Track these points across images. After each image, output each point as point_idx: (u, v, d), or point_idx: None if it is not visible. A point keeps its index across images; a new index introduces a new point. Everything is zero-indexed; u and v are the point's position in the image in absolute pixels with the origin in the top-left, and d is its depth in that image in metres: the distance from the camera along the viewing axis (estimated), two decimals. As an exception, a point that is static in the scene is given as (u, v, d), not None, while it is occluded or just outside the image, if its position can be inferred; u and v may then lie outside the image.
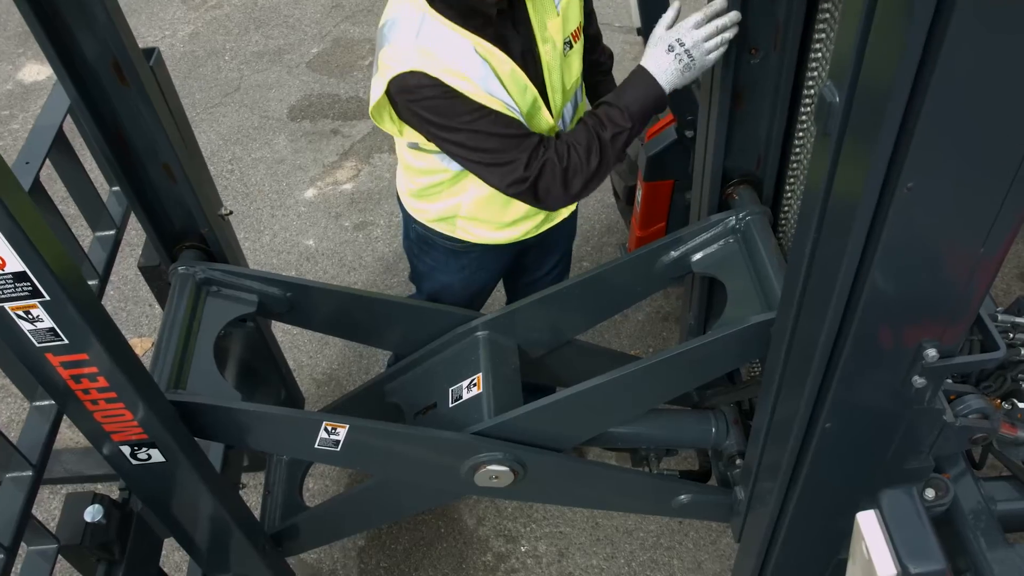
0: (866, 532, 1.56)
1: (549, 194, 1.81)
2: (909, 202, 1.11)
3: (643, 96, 1.78)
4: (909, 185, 1.09)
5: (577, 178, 1.79)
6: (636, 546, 2.79)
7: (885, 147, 1.08)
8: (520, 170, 1.76)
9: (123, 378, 1.48)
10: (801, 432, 1.56)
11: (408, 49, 1.71)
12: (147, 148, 1.88)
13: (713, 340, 1.77)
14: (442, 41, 1.72)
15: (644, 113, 1.80)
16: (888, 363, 1.39)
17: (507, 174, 1.77)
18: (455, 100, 1.70)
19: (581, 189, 1.82)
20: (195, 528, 1.92)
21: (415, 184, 2.10)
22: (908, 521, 1.53)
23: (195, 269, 2.00)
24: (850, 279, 1.28)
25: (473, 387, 2.05)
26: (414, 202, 2.16)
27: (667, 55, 1.75)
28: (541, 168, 1.77)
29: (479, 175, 1.83)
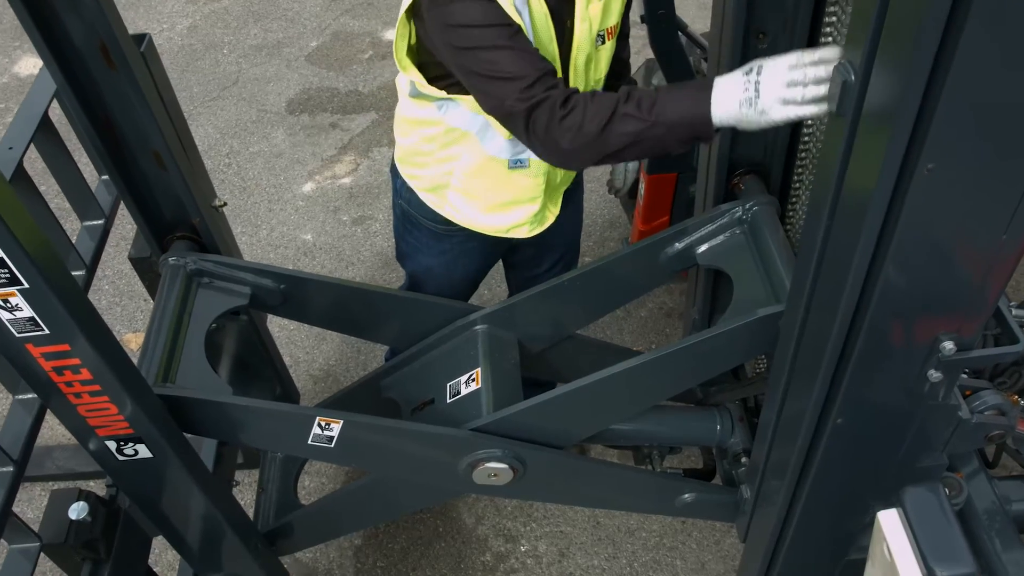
0: (888, 532, 1.48)
1: (535, 134, 1.64)
2: (929, 185, 1.05)
3: (684, 108, 1.54)
4: (929, 167, 1.03)
5: (569, 134, 1.60)
6: (638, 546, 2.74)
7: (904, 126, 1.02)
8: (523, 86, 1.59)
9: (107, 371, 1.43)
10: (811, 429, 1.51)
11: None
12: (136, 135, 1.82)
13: (719, 334, 1.71)
14: None
15: (674, 124, 1.55)
16: (903, 356, 1.33)
17: (510, 89, 1.61)
18: (487, 3, 1.58)
19: (569, 148, 1.62)
20: (185, 526, 1.87)
21: (408, 141, 2.04)
22: (934, 520, 1.46)
23: (186, 260, 1.95)
24: (864, 269, 1.22)
25: (471, 382, 2.00)
26: (407, 168, 2.10)
27: (740, 76, 1.48)
28: (543, 98, 1.60)
29: (483, 91, 1.68)
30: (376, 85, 4.66)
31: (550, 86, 1.64)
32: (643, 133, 1.56)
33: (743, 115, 1.49)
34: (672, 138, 1.57)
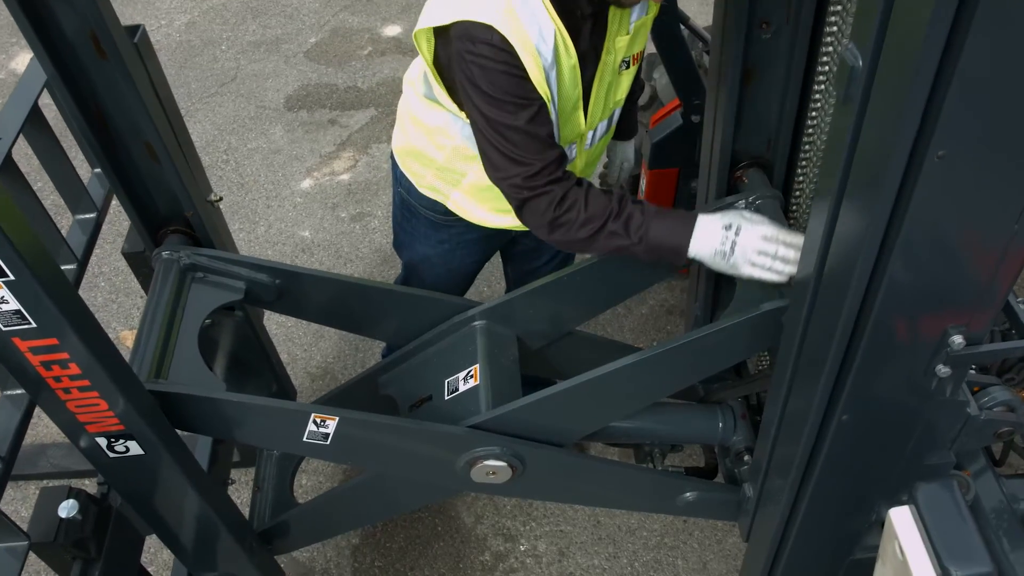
0: (900, 530, 1.43)
1: (530, 215, 1.71)
2: (939, 172, 1.02)
3: (668, 237, 1.66)
4: (940, 153, 1.00)
5: (560, 230, 1.70)
6: (639, 545, 2.71)
7: (914, 111, 0.99)
8: (528, 174, 1.65)
9: (97, 366, 1.40)
10: (815, 426, 1.47)
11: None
12: (128, 126, 1.79)
13: (721, 329, 1.68)
14: (532, 12, 1.58)
15: (652, 248, 1.67)
16: (910, 351, 1.30)
17: (514, 171, 1.66)
18: (514, 78, 1.57)
19: (558, 239, 1.73)
20: (178, 525, 1.83)
21: (415, 143, 1.99)
22: (949, 517, 1.42)
23: (180, 254, 1.92)
24: (871, 260, 1.19)
25: (470, 379, 1.97)
26: (411, 163, 2.06)
27: (720, 230, 1.63)
28: (544, 192, 1.67)
29: (487, 156, 1.71)
30: (375, 81, 4.63)
31: (552, 180, 1.66)
32: (624, 248, 1.69)
33: (714, 262, 1.65)
34: (646, 256, 1.70)
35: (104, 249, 3.71)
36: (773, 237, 1.60)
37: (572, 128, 1.81)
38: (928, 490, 1.47)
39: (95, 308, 3.49)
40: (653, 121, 2.76)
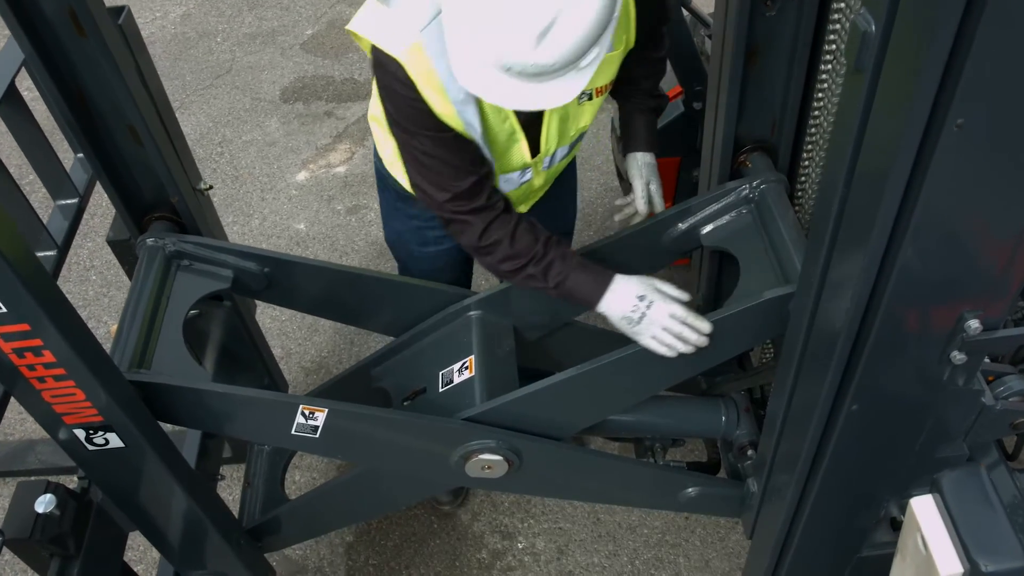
0: (923, 521, 1.33)
1: (456, 236, 1.70)
2: (958, 143, 0.96)
3: (582, 292, 1.67)
4: (959, 122, 0.94)
5: (484, 258, 1.69)
6: (640, 543, 2.65)
7: (931, 77, 0.93)
8: (442, 200, 1.62)
9: (72, 354, 1.34)
10: (823, 417, 1.41)
11: (406, 32, 1.48)
12: (111, 108, 1.73)
13: (725, 317, 1.62)
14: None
15: (566, 295, 1.68)
16: (924, 337, 1.24)
17: (430, 193, 1.63)
18: (420, 111, 1.52)
19: (482, 263, 1.72)
20: (162, 521, 1.78)
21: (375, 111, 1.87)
22: (977, 507, 1.33)
23: (164, 241, 1.86)
24: (883, 242, 1.13)
25: (465, 370, 1.91)
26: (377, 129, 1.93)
27: (633, 298, 1.64)
28: (462, 219, 1.64)
29: (407, 172, 1.68)
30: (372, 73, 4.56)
31: (471, 209, 1.62)
32: (541, 290, 1.70)
33: (621, 326, 1.67)
34: (558, 297, 1.70)
35: (96, 243, 3.66)
36: (680, 318, 1.62)
37: (514, 158, 1.72)
38: (954, 477, 1.38)
39: (86, 302, 3.44)
40: (654, 109, 2.69)
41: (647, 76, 1.90)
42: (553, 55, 1.29)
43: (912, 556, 1.36)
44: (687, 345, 1.62)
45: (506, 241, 1.64)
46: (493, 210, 1.64)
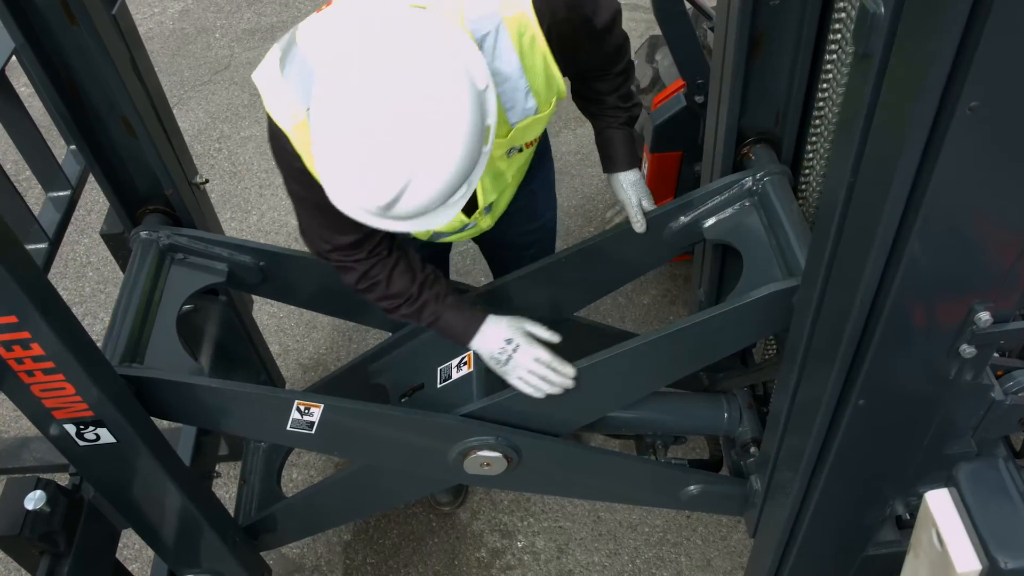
0: (939, 515, 1.28)
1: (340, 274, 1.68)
2: (970, 126, 0.93)
3: (454, 331, 1.70)
4: (972, 105, 0.91)
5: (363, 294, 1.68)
6: (640, 542, 2.62)
7: (944, 58, 0.90)
8: (324, 250, 1.62)
9: (61, 346, 1.31)
10: (829, 412, 1.38)
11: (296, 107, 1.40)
12: (103, 98, 1.71)
13: (728, 310, 1.59)
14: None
15: (440, 329, 1.71)
16: (933, 329, 1.21)
17: (314, 238, 1.62)
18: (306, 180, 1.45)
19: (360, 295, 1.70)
20: (155, 518, 1.75)
21: None
22: (996, 500, 1.28)
23: (159, 234, 1.83)
24: (892, 232, 1.10)
25: (463, 366, 1.87)
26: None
27: (501, 341, 1.67)
28: (344, 265, 1.63)
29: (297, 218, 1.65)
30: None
31: (353, 259, 1.61)
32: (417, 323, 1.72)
33: (489, 364, 1.70)
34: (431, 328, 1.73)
35: (92, 239, 3.63)
36: (545, 362, 1.66)
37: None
38: (971, 469, 1.33)
39: (83, 298, 3.41)
40: (655, 103, 2.66)
41: (613, 90, 1.78)
42: (412, 208, 1.24)
43: (927, 553, 1.31)
44: (553, 386, 1.65)
45: (383, 283, 1.64)
46: (374, 257, 1.62)
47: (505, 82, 1.46)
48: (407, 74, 1.19)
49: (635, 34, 4.42)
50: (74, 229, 3.72)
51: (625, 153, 1.85)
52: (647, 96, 2.85)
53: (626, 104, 1.81)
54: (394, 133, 1.18)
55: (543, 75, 1.50)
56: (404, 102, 1.18)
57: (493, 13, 1.40)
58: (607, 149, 1.86)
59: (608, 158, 1.87)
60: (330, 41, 1.31)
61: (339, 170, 1.24)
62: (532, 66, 1.48)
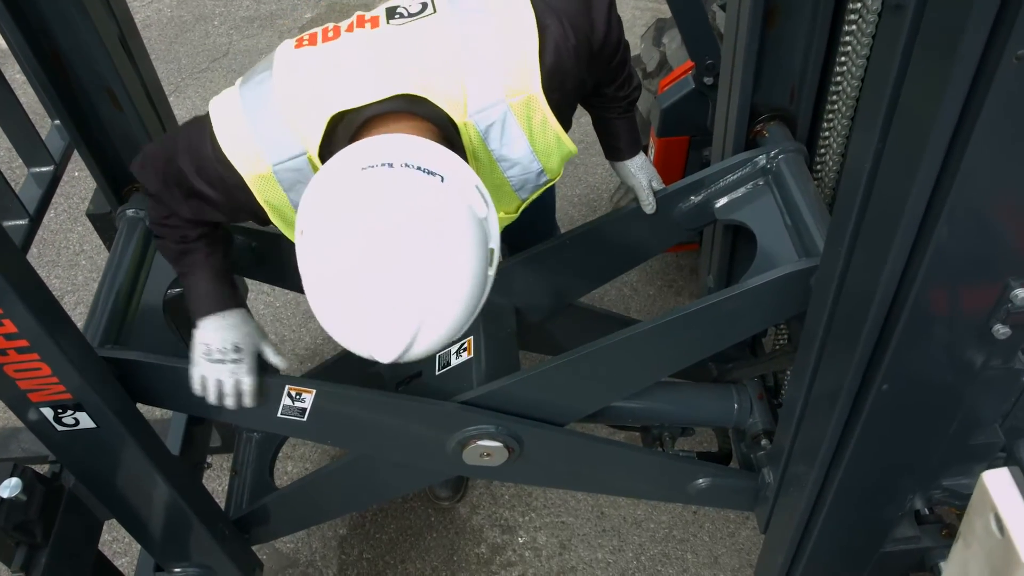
0: (999, 498, 1.13)
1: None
2: (1017, 77, 0.85)
3: (199, 293, 1.50)
4: (1020, 53, 0.83)
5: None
6: (646, 538, 2.54)
7: (988, 4, 0.82)
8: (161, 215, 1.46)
9: (34, 323, 1.23)
10: (849, 399, 1.31)
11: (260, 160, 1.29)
12: (87, 69, 1.64)
13: (741, 292, 1.51)
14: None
15: (186, 286, 1.52)
16: (965, 309, 1.13)
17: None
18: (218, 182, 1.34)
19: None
20: (139, 509, 1.67)
21: None
22: None
23: (145, 213, 1.75)
24: (923, 201, 1.02)
25: (463, 352, 1.80)
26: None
27: (218, 343, 1.49)
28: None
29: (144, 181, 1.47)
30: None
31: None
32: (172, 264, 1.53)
33: (193, 351, 1.50)
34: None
35: (86, 227, 3.55)
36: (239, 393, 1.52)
37: None
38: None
39: (75, 287, 3.33)
40: (662, 86, 2.58)
41: (611, 81, 1.62)
42: (422, 353, 1.15)
43: (981, 541, 1.17)
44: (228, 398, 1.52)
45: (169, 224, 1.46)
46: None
47: (514, 167, 1.38)
48: (405, 221, 1.08)
49: (639, 22, 4.34)
50: (68, 217, 3.66)
51: (629, 141, 1.77)
52: (654, 80, 2.77)
53: (626, 91, 1.68)
54: (397, 288, 1.08)
55: (556, 152, 1.40)
56: (404, 252, 1.08)
57: (499, 101, 1.29)
58: (610, 138, 1.78)
59: (612, 147, 1.78)
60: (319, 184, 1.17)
61: (345, 330, 1.15)
62: (544, 147, 1.38)
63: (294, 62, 1.32)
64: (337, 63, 1.29)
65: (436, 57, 1.28)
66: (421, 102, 1.25)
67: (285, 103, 1.28)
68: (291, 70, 1.31)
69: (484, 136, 1.32)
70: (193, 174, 1.35)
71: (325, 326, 1.17)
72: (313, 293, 1.16)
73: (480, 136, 1.32)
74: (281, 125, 1.28)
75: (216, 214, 1.41)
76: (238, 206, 1.37)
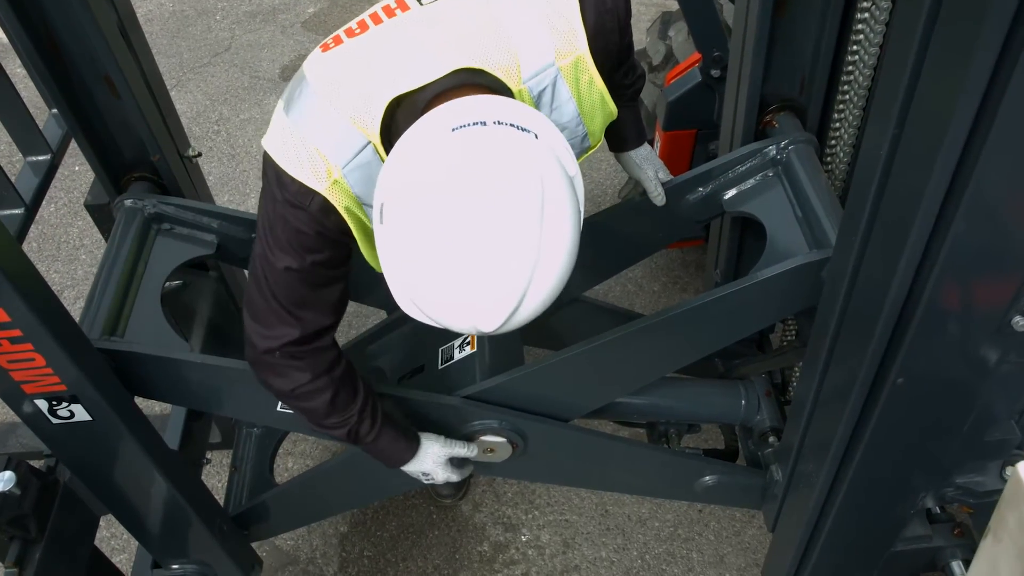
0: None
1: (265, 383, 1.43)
2: (1046, 56, 0.82)
3: (385, 454, 1.55)
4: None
5: (294, 403, 1.44)
6: (650, 537, 2.51)
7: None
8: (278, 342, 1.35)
9: (28, 313, 1.21)
10: (863, 394, 1.28)
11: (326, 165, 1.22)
12: (85, 56, 1.60)
13: (751, 284, 1.48)
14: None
15: (371, 453, 1.54)
16: (983, 302, 1.10)
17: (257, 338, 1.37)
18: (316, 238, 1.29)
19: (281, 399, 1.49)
20: (136, 504, 1.64)
21: None
22: None
23: (144, 203, 1.73)
24: (943, 188, 0.99)
25: (466, 346, 1.77)
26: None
27: (420, 473, 1.62)
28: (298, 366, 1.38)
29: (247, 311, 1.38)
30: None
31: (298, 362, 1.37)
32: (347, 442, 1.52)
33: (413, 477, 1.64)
34: (372, 453, 1.56)
35: (86, 221, 3.52)
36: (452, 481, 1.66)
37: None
38: None
39: (75, 281, 3.30)
40: (668, 79, 2.55)
41: (616, 67, 1.56)
42: (522, 321, 1.11)
43: (1013, 536, 1.12)
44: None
45: (327, 392, 1.41)
46: (324, 356, 1.40)
47: (563, 131, 1.32)
48: (510, 178, 1.03)
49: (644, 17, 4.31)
50: (68, 212, 3.63)
51: (634, 131, 1.73)
52: (659, 73, 2.74)
53: (631, 78, 1.65)
54: (504, 250, 1.02)
55: (600, 113, 1.38)
56: (510, 211, 1.02)
57: (549, 64, 1.26)
58: (615, 129, 1.74)
59: (618, 138, 1.74)
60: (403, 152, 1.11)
61: (445, 301, 1.08)
62: (590, 109, 1.36)
63: (330, 63, 1.26)
64: (383, 50, 1.24)
65: (483, 28, 1.24)
66: (479, 74, 1.21)
67: (334, 103, 1.23)
68: (329, 71, 1.25)
69: (537, 102, 1.28)
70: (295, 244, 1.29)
71: (418, 302, 1.10)
72: (403, 268, 1.08)
73: (533, 102, 1.28)
74: (336, 124, 1.22)
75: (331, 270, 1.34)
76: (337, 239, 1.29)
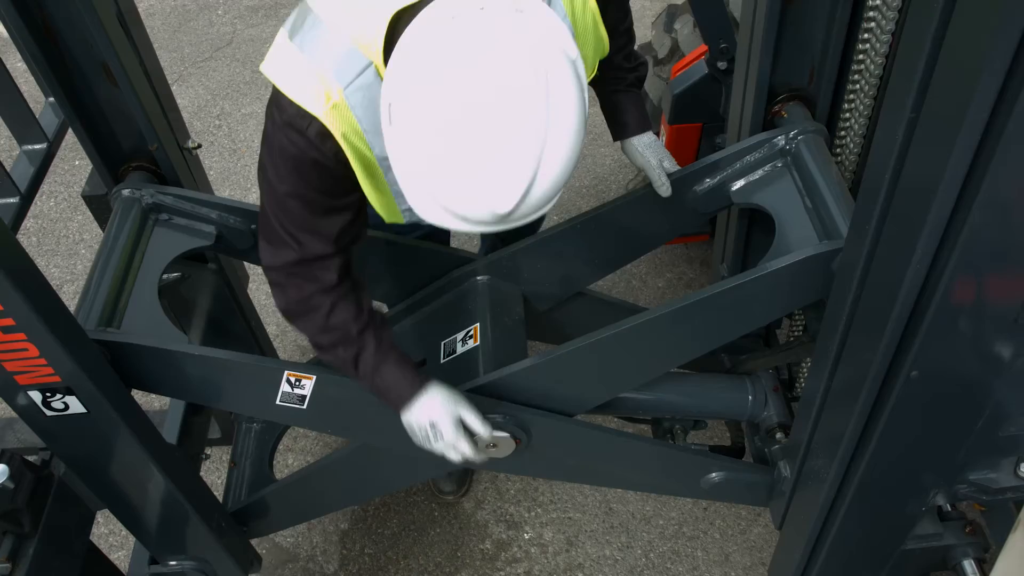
0: None
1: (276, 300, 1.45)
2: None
3: (392, 386, 1.47)
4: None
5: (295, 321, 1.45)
6: (655, 535, 2.48)
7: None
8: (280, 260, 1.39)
9: (21, 302, 1.18)
10: (875, 388, 1.25)
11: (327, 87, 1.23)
12: (82, 43, 1.58)
13: (760, 276, 1.45)
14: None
15: (375, 384, 1.47)
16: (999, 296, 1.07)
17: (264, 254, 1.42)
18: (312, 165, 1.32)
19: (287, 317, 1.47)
20: (132, 499, 1.61)
21: None
22: None
23: (142, 193, 1.70)
24: (961, 173, 0.96)
25: (469, 339, 1.75)
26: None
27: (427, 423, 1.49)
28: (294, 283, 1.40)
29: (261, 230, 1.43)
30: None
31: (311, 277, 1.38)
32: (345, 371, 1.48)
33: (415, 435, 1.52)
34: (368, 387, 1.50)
35: (86, 215, 3.49)
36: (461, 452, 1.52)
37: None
38: None
39: (75, 276, 3.28)
40: (674, 72, 2.52)
41: (618, 49, 1.62)
42: (533, 206, 1.11)
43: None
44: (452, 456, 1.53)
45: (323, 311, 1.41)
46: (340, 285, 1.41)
47: None
48: (516, 58, 1.04)
49: (648, 14, 4.28)
50: (68, 206, 3.61)
51: (637, 116, 1.72)
52: (665, 67, 2.71)
53: (631, 63, 1.68)
54: (513, 127, 1.04)
55: (593, 37, 1.38)
56: (518, 90, 1.03)
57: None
58: (617, 115, 1.73)
59: (619, 124, 1.73)
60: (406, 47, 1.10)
61: (460, 184, 1.08)
62: (583, 31, 1.36)
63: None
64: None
65: None
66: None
67: (336, 24, 1.23)
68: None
69: None
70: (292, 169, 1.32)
71: (433, 192, 1.10)
72: (416, 161, 1.09)
73: None
74: (338, 45, 1.23)
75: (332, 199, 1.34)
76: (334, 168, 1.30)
